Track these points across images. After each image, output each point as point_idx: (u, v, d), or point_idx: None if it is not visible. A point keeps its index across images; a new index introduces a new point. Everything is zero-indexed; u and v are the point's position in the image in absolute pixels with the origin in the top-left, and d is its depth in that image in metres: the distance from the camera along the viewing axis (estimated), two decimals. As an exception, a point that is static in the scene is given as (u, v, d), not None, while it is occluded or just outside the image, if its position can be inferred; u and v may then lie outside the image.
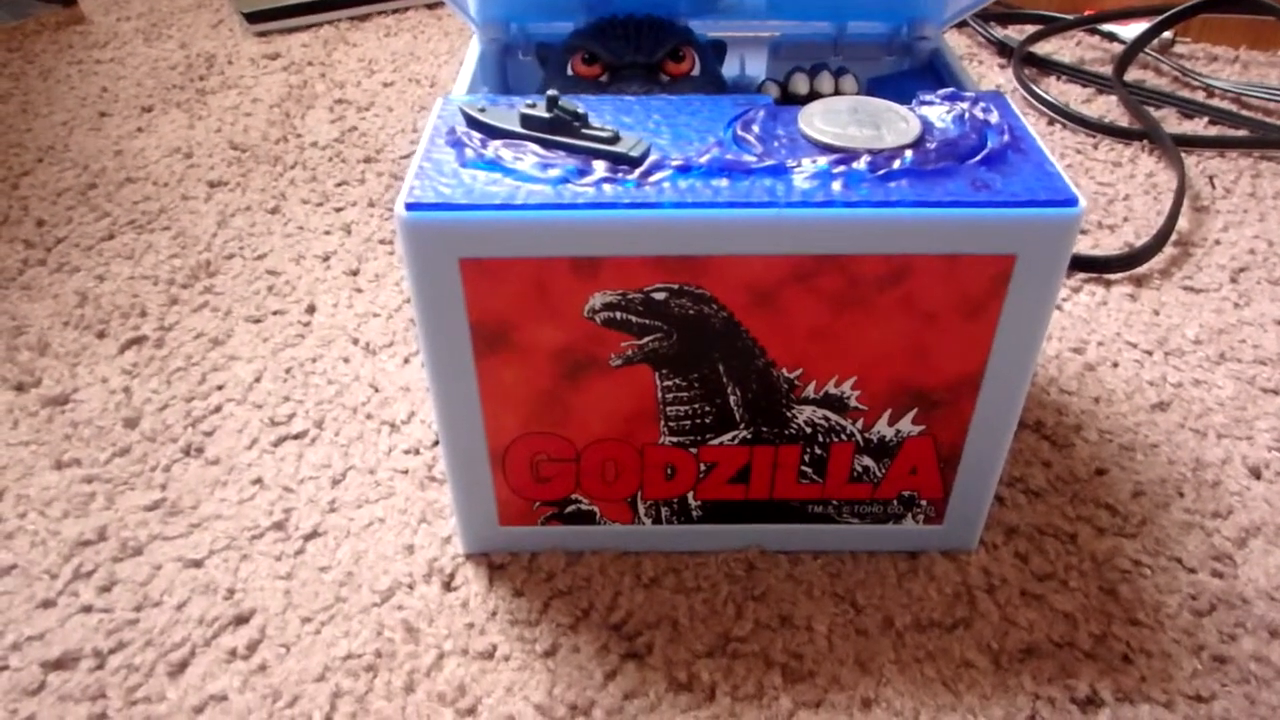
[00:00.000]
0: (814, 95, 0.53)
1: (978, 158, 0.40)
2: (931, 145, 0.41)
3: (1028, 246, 0.39)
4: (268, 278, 0.73)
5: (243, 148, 0.90)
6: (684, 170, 0.40)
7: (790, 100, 0.53)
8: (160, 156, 0.89)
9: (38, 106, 0.99)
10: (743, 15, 0.57)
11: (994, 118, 0.42)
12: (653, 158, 0.40)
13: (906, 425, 0.46)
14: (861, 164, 0.40)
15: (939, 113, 0.43)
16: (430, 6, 1.21)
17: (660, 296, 0.41)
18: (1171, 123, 0.91)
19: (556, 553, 0.51)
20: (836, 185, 0.39)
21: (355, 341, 0.66)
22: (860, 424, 0.45)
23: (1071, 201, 0.38)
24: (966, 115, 0.42)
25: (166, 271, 0.73)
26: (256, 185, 0.84)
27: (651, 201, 0.39)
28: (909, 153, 0.40)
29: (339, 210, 0.81)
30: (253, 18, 1.15)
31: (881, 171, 0.39)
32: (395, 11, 1.20)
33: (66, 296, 0.71)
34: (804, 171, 0.40)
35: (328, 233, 0.78)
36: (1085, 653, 0.47)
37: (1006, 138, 0.41)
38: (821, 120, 0.42)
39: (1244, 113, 0.91)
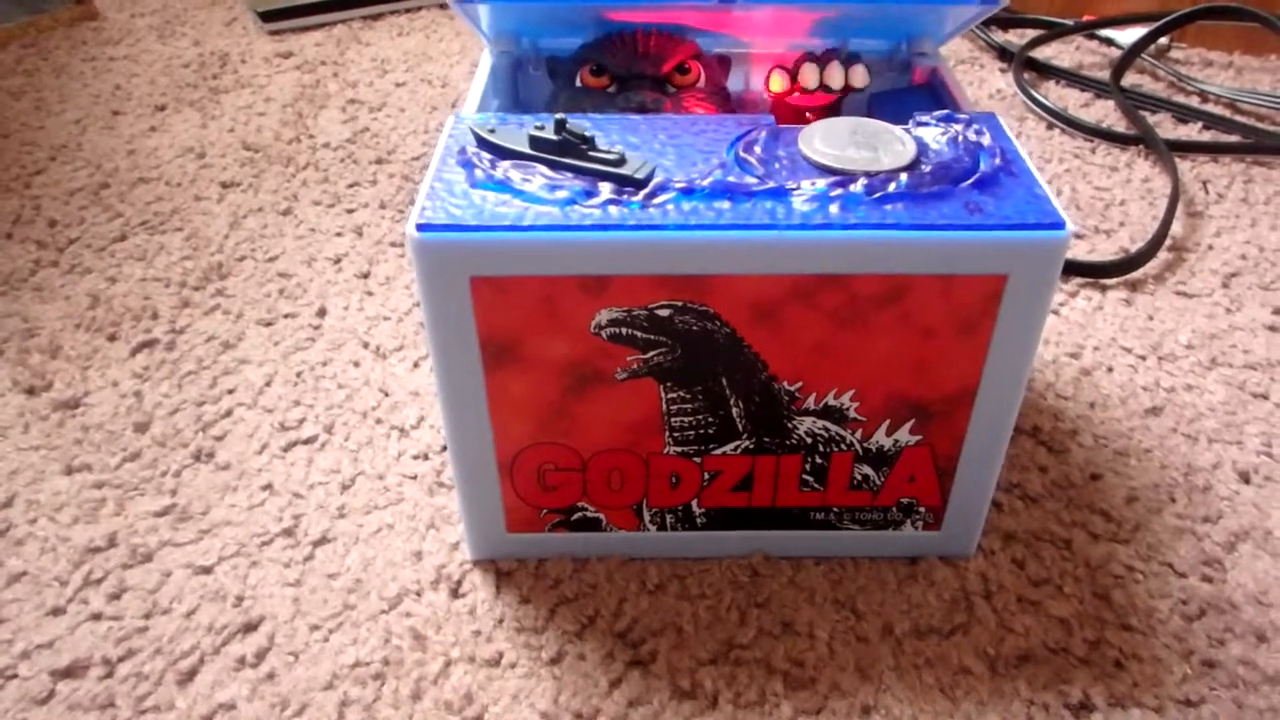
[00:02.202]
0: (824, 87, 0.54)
1: (970, 180, 0.41)
2: (926, 168, 0.42)
3: (1018, 267, 0.40)
4: (279, 280, 0.74)
5: (255, 148, 0.91)
6: (687, 192, 0.41)
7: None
8: (173, 156, 0.90)
9: (51, 104, 1.00)
10: (747, 31, 0.58)
11: (986, 140, 0.43)
12: (657, 179, 0.41)
13: (904, 435, 0.47)
14: (858, 186, 0.41)
15: (934, 135, 0.44)
16: (442, 6, 1.21)
17: (665, 313, 0.42)
18: (1167, 128, 0.92)
19: (563, 559, 0.52)
20: (834, 208, 0.40)
21: (366, 345, 0.67)
22: (859, 434, 0.47)
23: (1059, 225, 0.39)
24: (960, 138, 0.43)
25: (178, 273, 0.74)
26: (269, 186, 0.85)
27: (656, 223, 0.40)
28: (904, 175, 0.41)
29: (351, 212, 0.82)
30: (266, 16, 1.15)
31: (878, 194, 0.41)
32: (408, 11, 1.20)
33: (78, 298, 0.72)
34: (803, 194, 0.41)
35: (339, 234, 0.79)
36: (1079, 658, 0.48)
37: (998, 160, 0.42)
38: (821, 142, 0.43)
39: (1237, 118, 0.92)
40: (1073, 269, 0.72)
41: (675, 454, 0.47)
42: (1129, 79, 1.00)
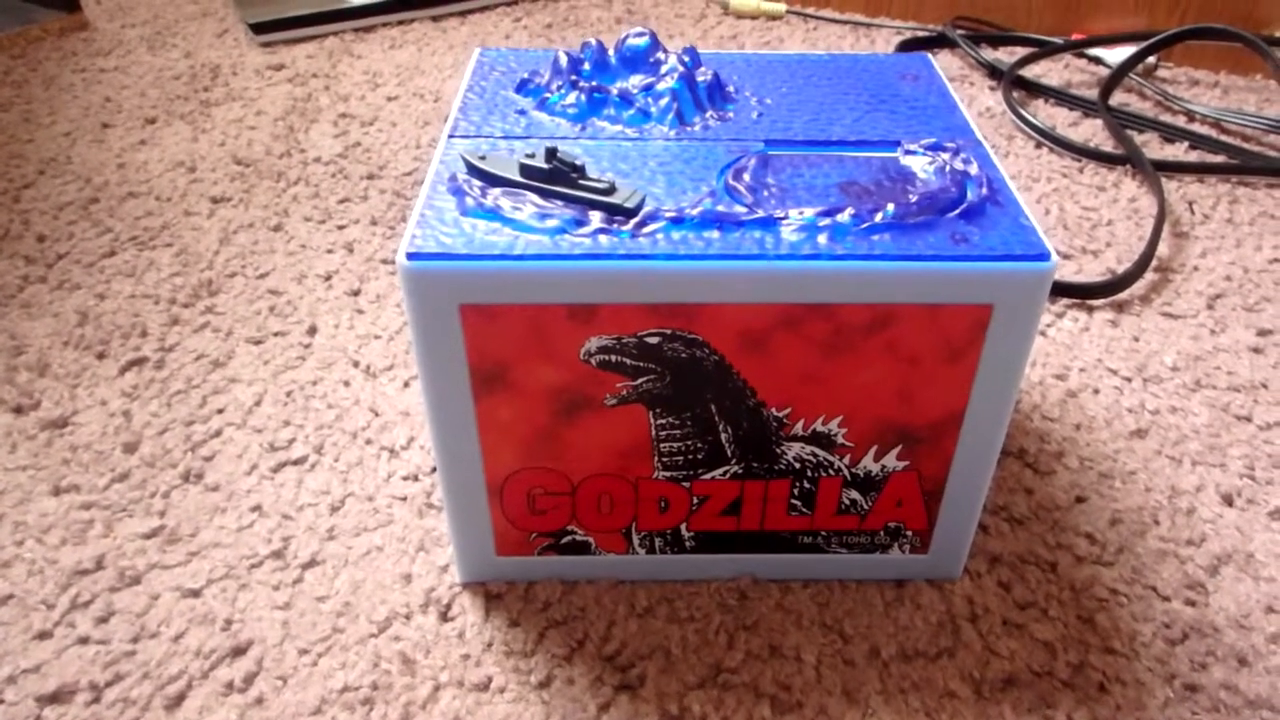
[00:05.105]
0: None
1: (957, 211, 0.42)
2: (913, 198, 0.42)
3: (1004, 297, 0.41)
4: (269, 297, 0.74)
5: (246, 162, 0.91)
6: (677, 222, 0.41)
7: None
8: (163, 170, 0.90)
9: (40, 116, 0.99)
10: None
11: (974, 169, 0.44)
12: (647, 208, 0.42)
13: (891, 461, 0.47)
14: (846, 217, 0.41)
15: (921, 164, 0.45)
16: (435, 19, 1.21)
17: (654, 341, 0.42)
18: (1154, 147, 0.92)
19: (552, 582, 0.52)
20: (822, 238, 0.41)
21: (356, 364, 0.67)
22: (847, 460, 0.47)
23: (1045, 256, 0.40)
24: (947, 167, 0.44)
25: (168, 290, 0.74)
26: (259, 201, 0.85)
27: (645, 253, 0.40)
28: (891, 205, 0.42)
29: (341, 228, 0.82)
30: (258, 28, 1.15)
31: (865, 225, 0.41)
32: (400, 24, 1.20)
33: (67, 315, 0.72)
34: (792, 224, 0.41)
35: (330, 251, 0.79)
36: (1063, 682, 0.48)
37: (985, 190, 0.43)
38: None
39: (1223, 138, 0.93)
40: (1060, 290, 0.73)
41: (664, 479, 0.48)
42: (1117, 98, 1.01)
